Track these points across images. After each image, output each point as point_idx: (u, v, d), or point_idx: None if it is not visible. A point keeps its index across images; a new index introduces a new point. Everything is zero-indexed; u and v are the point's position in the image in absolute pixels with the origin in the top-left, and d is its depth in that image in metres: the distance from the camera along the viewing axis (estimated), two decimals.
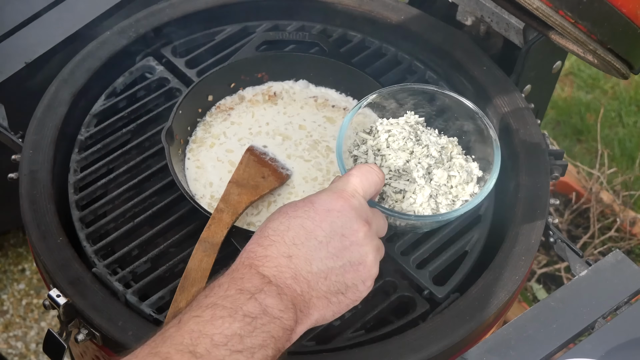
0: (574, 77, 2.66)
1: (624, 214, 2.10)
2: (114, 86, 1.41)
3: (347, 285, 0.89)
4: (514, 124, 1.33)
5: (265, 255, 0.86)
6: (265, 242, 0.87)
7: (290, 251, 0.86)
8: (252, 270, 0.84)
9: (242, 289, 0.81)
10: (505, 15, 1.39)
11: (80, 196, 1.26)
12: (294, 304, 0.84)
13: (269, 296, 0.82)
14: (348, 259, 0.89)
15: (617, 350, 1.07)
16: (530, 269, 1.21)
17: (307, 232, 0.87)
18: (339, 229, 0.89)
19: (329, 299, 0.87)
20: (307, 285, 0.85)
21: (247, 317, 0.79)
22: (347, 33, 1.50)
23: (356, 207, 0.91)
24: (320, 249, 0.87)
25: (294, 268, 0.85)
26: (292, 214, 0.89)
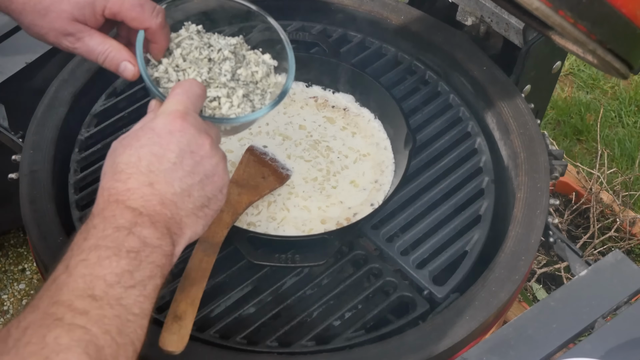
0: (574, 77, 2.66)
1: (624, 214, 2.10)
2: (114, 86, 1.41)
3: (208, 197, 0.91)
4: (514, 124, 1.33)
5: (128, 189, 0.86)
6: (122, 176, 0.87)
7: (149, 179, 0.87)
8: (120, 205, 0.85)
9: (118, 227, 0.83)
10: (505, 15, 1.39)
11: (81, 196, 1.26)
12: (167, 229, 0.86)
13: (145, 227, 0.83)
14: (203, 173, 0.90)
15: (617, 350, 1.08)
16: (530, 269, 1.21)
17: (158, 158, 0.88)
18: (186, 147, 0.89)
19: (196, 214, 0.89)
20: (174, 207, 0.87)
21: (131, 253, 0.81)
22: (347, 33, 1.50)
23: (194, 124, 0.91)
24: (176, 170, 0.88)
25: (158, 194, 0.86)
26: (136, 145, 0.89)
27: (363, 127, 1.34)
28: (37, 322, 0.74)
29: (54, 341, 0.72)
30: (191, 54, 1.06)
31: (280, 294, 1.16)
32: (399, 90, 1.40)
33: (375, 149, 1.31)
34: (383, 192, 1.26)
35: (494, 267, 1.16)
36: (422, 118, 1.37)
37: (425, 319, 1.13)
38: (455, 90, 1.41)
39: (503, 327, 1.10)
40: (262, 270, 1.16)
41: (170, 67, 1.04)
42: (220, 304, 1.14)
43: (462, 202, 1.26)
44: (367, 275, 1.19)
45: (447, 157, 1.31)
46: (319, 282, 1.17)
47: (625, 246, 2.10)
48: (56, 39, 1.03)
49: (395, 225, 1.22)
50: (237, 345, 1.09)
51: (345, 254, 1.20)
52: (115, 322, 0.76)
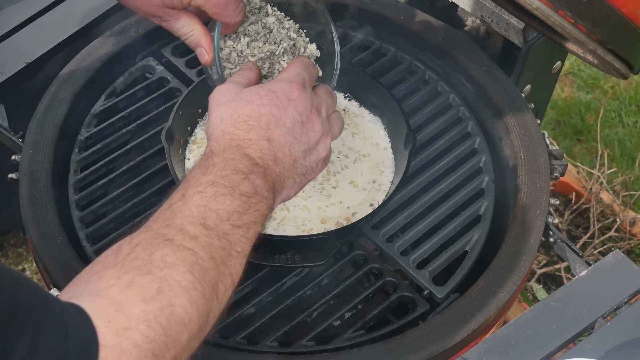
0: (574, 77, 2.66)
1: (624, 214, 2.10)
2: (114, 86, 1.41)
3: (307, 167, 1.00)
4: (514, 124, 1.33)
5: (249, 139, 0.93)
6: (244, 126, 0.94)
7: (268, 134, 0.95)
8: (240, 151, 0.92)
9: (236, 170, 0.89)
10: (505, 15, 1.39)
11: (80, 196, 1.26)
12: (274, 185, 0.93)
13: (259, 177, 0.90)
14: (307, 144, 0.99)
15: (617, 350, 1.08)
16: (530, 269, 1.21)
17: (276, 119, 0.96)
18: (299, 116, 0.98)
19: (294, 179, 0.98)
20: (283, 167, 0.95)
21: (244, 196, 0.87)
22: (347, 33, 1.50)
23: (309, 97, 1.00)
24: (288, 135, 0.97)
25: (273, 151, 0.94)
26: (258, 102, 0.96)
27: (363, 128, 1.34)
28: (148, 240, 0.78)
29: (161, 258, 0.76)
30: (254, 44, 1.13)
31: (280, 294, 1.16)
32: (399, 90, 1.40)
33: (375, 149, 1.31)
34: (383, 192, 1.26)
35: (494, 267, 1.16)
36: (422, 118, 1.37)
37: (425, 319, 1.13)
38: (455, 90, 1.41)
39: (503, 327, 1.10)
40: (262, 270, 1.16)
41: (234, 52, 1.12)
42: None
43: (462, 202, 1.26)
44: (367, 275, 1.19)
45: (447, 157, 1.31)
46: (319, 282, 1.17)
47: (625, 246, 2.10)
48: (145, 16, 1.12)
49: (395, 225, 1.22)
50: (237, 345, 1.09)
51: (345, 254, 1.20)
52: (221, 252, 0.81)
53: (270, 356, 1.08)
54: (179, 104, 1.26)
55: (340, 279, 1.18)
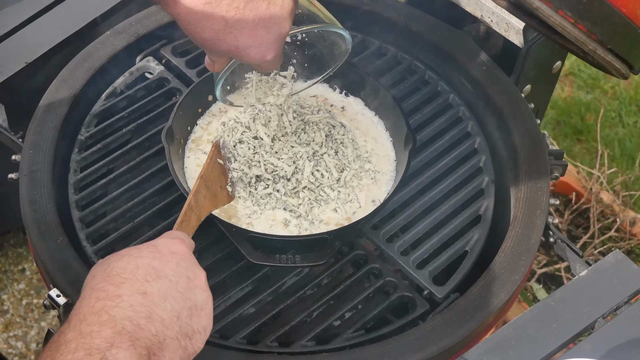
0: (574, 77, 2.66)
1: (624, 214, 2.10)
2: (114, 86, 1.41)
3: (193, 330, 0.87)
4: (514, 124, 1.33)
5: (119, 295, 0.82)
6: (116, 280, 0.84)
7: (144, 288, 0.84)
8: (103, 316, 0.80)
9: (90, 349, 0.77)
10: (505, 15, 1.39)
11: (80, 196, 1.26)
12: (147, 349, 0.81)
13: (121, 350, 0.78)
14: (194, 302, 0.88)
15: (617, 350, 1.08)
16: (530, 269, 1.21)
17: (157, 271, 0.86)
18: (184, 270, 0.89)
19: (179, 340, 0.85)
20: (161, 325, 0.83)
21: None
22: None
23: (192, 256, 0.92)
24: (171, 288, 0.86)
25: (148, 306, 0.83)
26: (137, 255, 0.87)
27: (362, 127, 1.34)
28: None
29: None
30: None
31: (280, 294, 1.16)
32: (399, 90, 1.40)
33: (372, 149, 1.31)
34: (383, 192, 1.26)
35: (494, 267, 1.16)
36: (422, 118, 1.37)
37: (425, 319, 1.13)
38: (455, 90, 1.41)
39: (503, 327, 1.10)
40: (262, 270, 1.16)
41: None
42: (220, 304, 1.14)
43: (462, 202, 1.26)
44: (367, 275, 1.19)
45: (447, 157, 1.31)
46: (319, 282, 1.17)
47: (625, 246, 2.10)
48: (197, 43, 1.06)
49: (395, 225, 1.22)
50: (237, 345, 1.09)
51: (345, 254, 1.20)
52: None
53: (270, 356, 1.08)
54: (179, 104, 1.26)
55: (340, 279, 1.18)
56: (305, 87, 1.27)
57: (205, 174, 1.15)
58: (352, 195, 1.23)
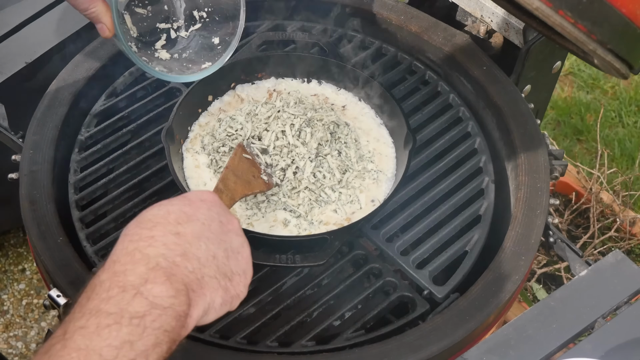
0: (574, 77, 2.66)
1: (624, 214, 2.10)
2: (114, 86, 1.41)
3: (232, 271, 0.87)
4: (514, 124, 1.33)
5: (152, 236, 0.82)
6: (147, 224, 0.84)
7: (177, 229, 0.84)
8: (137, 255, 0.79)
9: (124, 286, 0.76)
10: (505, 15, 1.39)
11: (80, 196, 1.26)
12: (185, 285, 0.80)
13: (156, 284, 0.77)
14: (229, 244, 0.88)
15: (617, 350, 1.08)
16: (530, 269, 1.21)
17: (188, 215, 0.86)
18: (216, 215, 0.89)
19: (218, 280, 0.84)
20: (198, 263, 0.83)
21: (135, 319, 0.74)
22: (347, 33, 1.50)
23: (225, 205, 0.93)
24: (204, 230, 0.86)
25: (182, 245, 0.82)
26: (167, 203, 0.87)
27: (364, 126, 1.34)
28: None
29: None
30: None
31: (280, 294, 1.16)
32: (399, 90, 1.40)
33: (374, 148, 1.31)
34: (383, 192, 1.26)
35: (494, 267, 1.16)
36: (422, 118, 1.37)
37: (425, 319, 1.13)
38: (455, 90, 1.41)
39: (503, 327, 1.10)
40: (262, 270, 1.16)
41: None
42: None
43: (462, 202, 1.26)
44: (367, 275, 1.19)
45: (447, 157, 1.31)
46: (319, 282, 1.17)
47: (625, 246, 2.10)
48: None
49: (395, 225, 1.22)
50: (237, 345, 1.09)
51: (345, 254, 1.20)
52: None
53: (270, 356, 1.08)
54: (179, 104, 1.26)
55: (340, 279, 1.18)
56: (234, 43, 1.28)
57: (231, 164, 1.17)
58: (353, 197, 1.23)
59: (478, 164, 1.31)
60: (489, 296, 1.12)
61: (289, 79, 1.39)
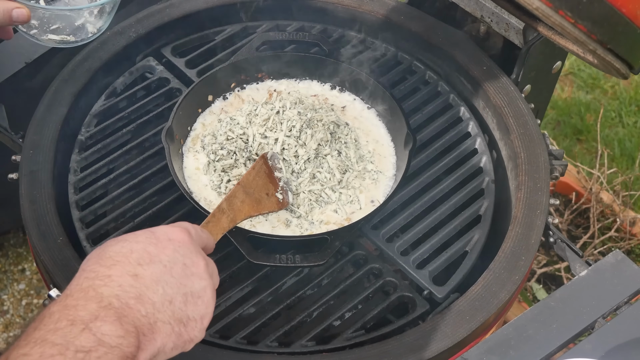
0: (574, 77, 2.66)
1: (624, 214, 2.10)
2: (114, 86, 1.41)
3: (188, 317, 0.85)
4: (514, 124, 1.33)
5: (109, 275, 0.81)
6: (107, 262, 0.82)
7: (136, 270, 0.82)
8: (90, 292, 0.78)
9: (74, 320, 0.75)
10: (505, 15, 1.39)
11: (80, 196, 1.26)
12: (135, 327, 0.78)
13: (106, 323, 0.76)
14: (190, 289, 0.86)
15: (617, 350, 1.07)
16: (530, 269, 1.21)
17: (151, 256, 0.84)
18: (180, 257, 0.87)
19: (172, 325, 0.83)
20: (152, 307, 0.81)
21: (80, 353, 0.73)
22: (347, 33, 1.50)
23: (195, 244, 0.90)
24: (165, 273, 0.84)
25: (138, 288, 0.81)
26: (132, 240, 0.86)
27: (364, 127, 1.34)
28: None
29: None
30: None
31: (280, 294, 1.16)
32: (399, 90, 1.40)
33: (374, 149, 1.31)
34: (383, 192, 1.26)
35: (494, 267, 1.16)
36: (422, 118, 1.37)
37: (425, 319, 1.13)
38: (455, 90, 1.41)
39: (503, 327, 1.10)
40: (262, 270, 1.16)
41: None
42: (220, 304, 1.14)
43: (462, 202, 1.26)
44: (367, 275, 1.19)
45: (447, 157, 1.31)
46: (319, 282, 1.17)
47: (625, 246, 2.10)
48: None
49: (395, 225, 1.22)
50: (237, 345, 1.09)
51: (345, 254, 1.20)
52: None
53: (270, 356, 1.08)
54: (179, 104, 1.27)
55: (340, 279, 1.18)
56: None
57: (244, 181, 1.16)
58: (353, 197, 1.23)
59: (478, 164, 1.31)
60: (489, 296, 1.12)
61: (289, 79, 1.39)
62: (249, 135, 1.24)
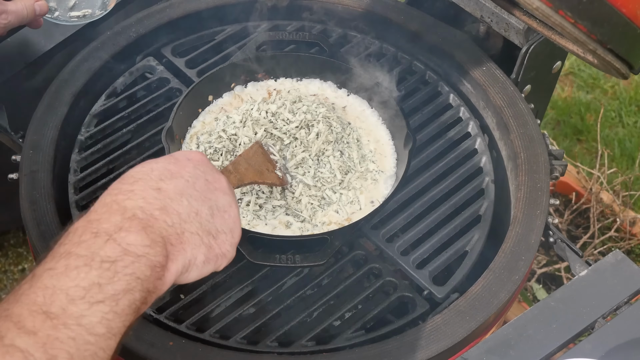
0: (574, 77, 2.66)
1: (624, 214, 2.10)
2: (114, 86, 1.41)
3: (217, 229, 0.84)
4: (514, 124, 1.32)
5: (131, 190, 0.80)
6: (129, 180, 0.82)
7: (158, 185, 0.82)
8: (114, 207, 0.78)
9: (97, 232, 0.74)
10: (505, 15, 1.39)
11: (81, 196, 1.26)
12: (162, 237, 0.78)
13: (131, 233, 0.75)
14: (215, 202, 0.86)
15: (617, 350, 1.07)
16: (530, 269, 1.21)
17: (172, 172, 0.84)
18: (202, 173, 0.87)
19: (201, 237, 0.82)
20: (178, 218, 0.80)
21: (105, 263, 0.72)
22: (347, 33, 1.50)
23: (212, 165, 0.91)
24: (188, 187, 0.84)
25: (162, 200, 0.80)
26: (152, 161, 0.86)
27: (365, 126, 1.34)
28: None
29: None
30: None
31: (280, 294, 1.16)
32: (399, 90, 1.40)
33: (375, 148, 1.31)
34: (383, 192, 1.26)
35: (494, 267, 1.16)
36: (422, 118, 1.37)
37: (425, 319, 1.13)
38: (455, 90, 1.41)
39: (503, 327, 1.10)
40: (262, 270, 1.16)
41: None
42: (220, 304, 1.14)
43: (462, 202, 1.26)
44: (367, 275, 1.19)
45: (447, 157, 1.31)
46: (319, 282, 1.17)
47: (625, 246, 2.10)
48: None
49: (395, 225, 1.22)
50: (237, 345, 1.09)
51: (345, 254, 1.20)
52: (68, 344, 0.67)
53: (270, 356, 1.08)
54: (179, 104, 1.27)
55: (340, 279, 1.18)
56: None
57: (245, 154, 1.16)
58: (353, 198, 1.23)
59: (478, 164, 1.31)
60: (489, 296, 1.12)
61: (288, 78, 1.39)
62: (239, 136, 1.24)
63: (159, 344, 1.04)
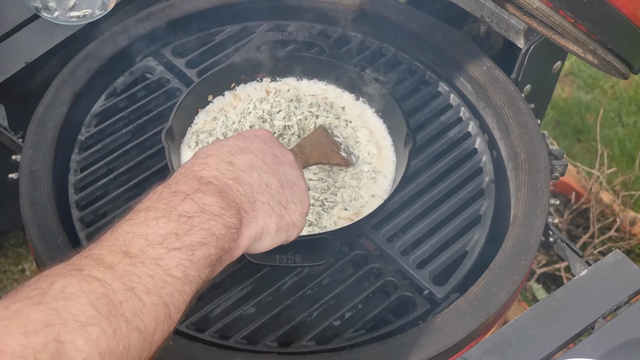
0: (574, 77, 2.66)
1: (624, 214, 2.10)
2: (114, 86, 1.41)
3: (287, 200, 0.89)
4: (514, 124, 1.33)
5: (205, 162, 0.86)
6: (202, 155, 0.87)
7: (229, 159, 0.87)
8: (190, 174, 0.83)
9: (176, 192, 0.79)
10: (505, 15, 1.39)
11: (81, 196, 1.26)
12: (237, 204, 0.82)
13: (207, 195, 0.80)
14: (284, 175, 0.90)
15: (617, 350, 1.07)
16: (530, 269, 1.21)
17: (242, 148, 0.90)
18: (269, 149, 0.92)
19: (272, 206, 0.86)
20: (250, 188, 0.85)
21: (183, 217, 0.76)
22: (347, 33, 1.50)
23: (280, 142, 0.96)
24: (258, 161, 0.89)
25: (234, 172, 0.85)
26: (222, 140, 0.92)
27: (364, 126, 1.34)
28: (57, 270, 0.68)
29: (60, 289, 0.65)
30: None
31: (280, 294, 1.16)
32: (399, 90, 1.40)
33: (375, 148, 1.31)
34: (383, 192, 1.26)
35: (494, 267, 1.16)
36: (422, 118, 1.37)
37: (425, 319, 1.13)
38: (455, 90, 1.41)
39: (503, 327, 1.10)
40: (262, 270, 1.16)
41: None
42: (220, 304, 1.14)
43: (462, 202, 1.26)
44: (367, 275, 1.19)
45: (447, 157, 1.31)
46: (319, 282, 1.17)
47: (625, 246, 2.10)
48: None
49: (395, 225, 1.22)
50: (237, 345, 1.09)
51: (345, 254, 1.20)
52: (146, 280, 0.70)
53: (270, 356, 1.08)
54: (179, 104, 1.26)
55: (341, 279, 1.18)
56: None
57: (308, 136, 1.19)
58: (354, 194, 1.23)
59: (478, 164, 1.31)
60: (489, 296, 1.12)
61: (288, 79, 1.39)
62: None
63: None
